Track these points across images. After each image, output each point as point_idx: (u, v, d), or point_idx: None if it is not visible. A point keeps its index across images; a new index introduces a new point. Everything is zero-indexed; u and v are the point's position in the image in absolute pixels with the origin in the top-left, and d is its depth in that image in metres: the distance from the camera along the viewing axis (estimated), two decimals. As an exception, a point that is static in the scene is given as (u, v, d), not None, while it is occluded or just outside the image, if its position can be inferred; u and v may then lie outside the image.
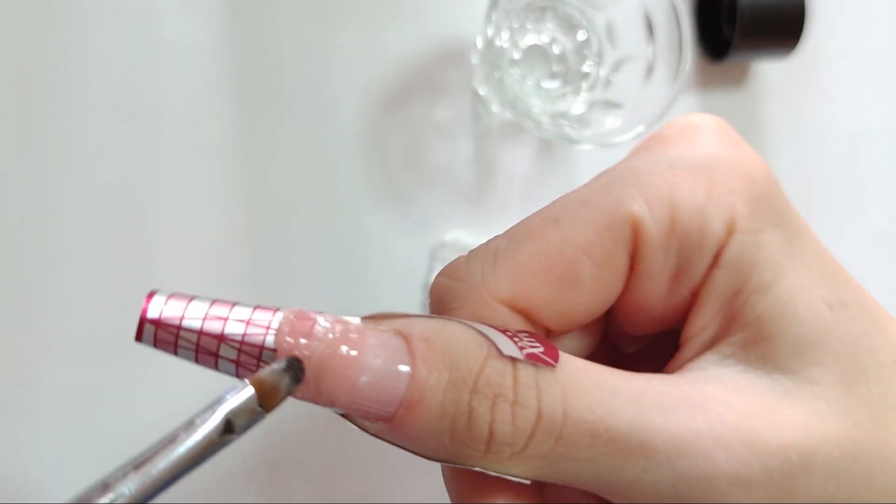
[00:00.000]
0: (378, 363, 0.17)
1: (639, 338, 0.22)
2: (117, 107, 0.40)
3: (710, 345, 0.19)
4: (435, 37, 0.43)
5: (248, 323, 0.18)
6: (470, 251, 0.20)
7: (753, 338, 0.19)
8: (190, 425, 0.16)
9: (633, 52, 0.39)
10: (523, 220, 0.20)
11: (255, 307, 0.18)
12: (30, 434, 0.39)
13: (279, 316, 0.18)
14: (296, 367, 0.17)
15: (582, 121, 0.40)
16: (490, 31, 0.36)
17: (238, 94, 0.41)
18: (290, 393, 0.17)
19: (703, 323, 0.19)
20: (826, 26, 0.46)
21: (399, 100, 0.42)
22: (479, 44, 0.41)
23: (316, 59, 0.42)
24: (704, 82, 0.46)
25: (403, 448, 0.18)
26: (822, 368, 0.18)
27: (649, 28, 0.38)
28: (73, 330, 0.40)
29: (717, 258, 0.19)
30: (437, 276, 0.20)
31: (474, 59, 0.42)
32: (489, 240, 0.20)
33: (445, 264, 0.20)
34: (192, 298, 0.18)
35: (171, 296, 0.18)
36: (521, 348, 0.18)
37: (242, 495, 0.40)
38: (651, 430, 0.17)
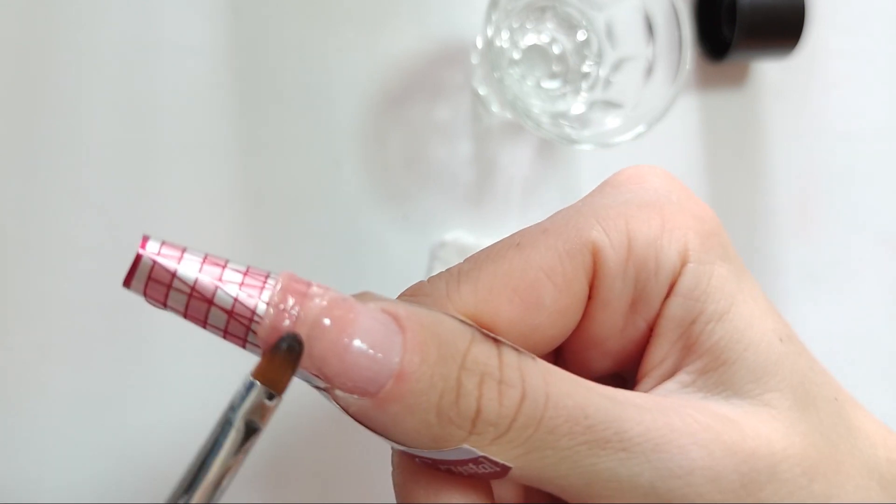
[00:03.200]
0: (372, 328, 0.17)
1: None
2: (117, 106, 0.40)
3: (669, 375, 0.20)
4: (435, 37, 0.43)
5: (245, 274, 0.18)
6: (430, 276, 0.21)
7: (712, 364, 0.19)
8: (213, 444, 0.16)
9: (633, 52, 0.39)
10: (486, 247, 0.21)
11: (248, 267, 0.18)
12: (30, 434, 0.39)
13: (273, 279, 0.18)
14: (292, 340, 0.17)
15: (582, 121, 0.40)
16: (490, 31, 0.36)
17: (238, 94, 0.41)
18: (296, 366, 0.17)
19: (662, 353, 0.20)
20: (826, 26, 0.46)
21: (399, 100, 0.42)
22: (479, 44, 0.41)
23: (315, 59, 0.42)
24: (704, 82, 0.46)
25: (378, 433, 0.18)
26: (778, 394, 0.19)
27: (649, 28, 0.38)
28: (73, 331, 0.40)
29: (672, 287, 0.20)
30: (398, 298, 0.20)
31: (474, 59, 0.42)
32: (451, 266, 0.21)
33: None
34: (184, 248, 0.18)
35: (163, 243, 0.18)
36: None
37: (244, 495, 0.40)
38: (627, 421, 0.18)
